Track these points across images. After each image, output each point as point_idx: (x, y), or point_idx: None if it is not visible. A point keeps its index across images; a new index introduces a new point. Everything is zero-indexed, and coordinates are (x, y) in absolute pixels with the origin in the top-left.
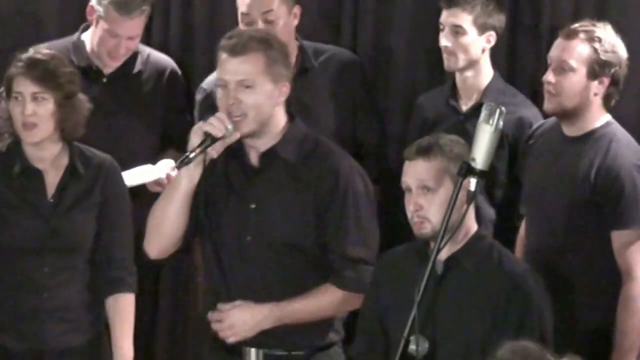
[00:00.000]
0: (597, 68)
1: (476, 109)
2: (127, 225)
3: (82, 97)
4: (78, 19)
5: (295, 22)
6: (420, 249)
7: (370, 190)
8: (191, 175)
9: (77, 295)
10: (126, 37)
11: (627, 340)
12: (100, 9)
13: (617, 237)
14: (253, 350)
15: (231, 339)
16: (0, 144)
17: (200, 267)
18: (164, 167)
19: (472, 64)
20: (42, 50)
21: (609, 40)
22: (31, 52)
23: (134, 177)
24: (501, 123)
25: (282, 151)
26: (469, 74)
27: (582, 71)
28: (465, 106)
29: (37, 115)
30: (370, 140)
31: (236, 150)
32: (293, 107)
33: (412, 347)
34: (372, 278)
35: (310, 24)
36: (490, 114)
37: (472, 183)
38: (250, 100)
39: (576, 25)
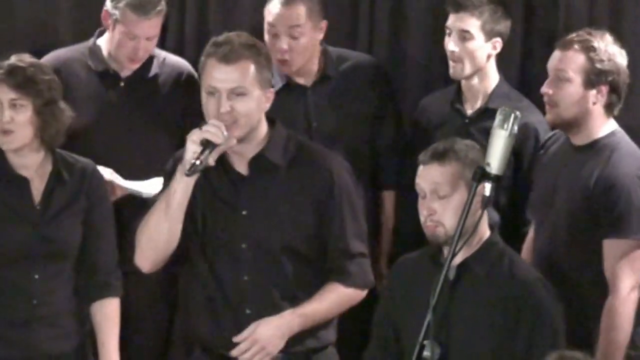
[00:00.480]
0: (593, 77)
1: (481, 113)
2: (111, 230)
3: (63, 105)
4: (93, 24)
5: (321, 36)
6: (433, 255)
7: (355, 184)
8: (187, 185)
9: (66, 301)
10: (144, 37)
11: (607, 352)
12: (116, 12)
13: (608, 245)
14: None
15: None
16: None
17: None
18: None
19: (477, 70)
20: (24, 58)
21: (605, 48)
22: (13, 59)
23: (152, 187)
24: (516, 128)
25: (270, 155)
26: (474, 79)
27: (577, 81)
28: (470, 110)
29: (14, 122)
30: (388, 148)
31: (218, 160)
32: (310, 113)
33: (426, 353)
34: (386, 284)
35: (327, 28)
36: (505, 119)
37: (487, 188)
38: (243, 107)
39: (572, 35)
